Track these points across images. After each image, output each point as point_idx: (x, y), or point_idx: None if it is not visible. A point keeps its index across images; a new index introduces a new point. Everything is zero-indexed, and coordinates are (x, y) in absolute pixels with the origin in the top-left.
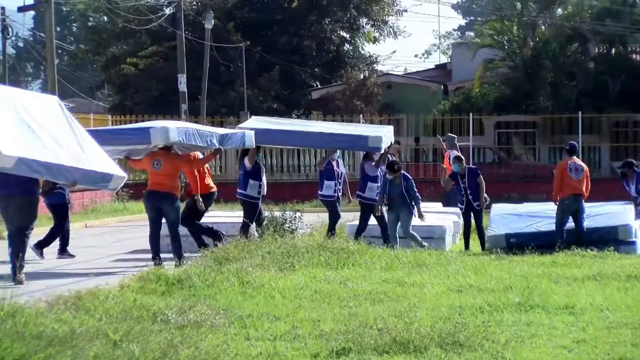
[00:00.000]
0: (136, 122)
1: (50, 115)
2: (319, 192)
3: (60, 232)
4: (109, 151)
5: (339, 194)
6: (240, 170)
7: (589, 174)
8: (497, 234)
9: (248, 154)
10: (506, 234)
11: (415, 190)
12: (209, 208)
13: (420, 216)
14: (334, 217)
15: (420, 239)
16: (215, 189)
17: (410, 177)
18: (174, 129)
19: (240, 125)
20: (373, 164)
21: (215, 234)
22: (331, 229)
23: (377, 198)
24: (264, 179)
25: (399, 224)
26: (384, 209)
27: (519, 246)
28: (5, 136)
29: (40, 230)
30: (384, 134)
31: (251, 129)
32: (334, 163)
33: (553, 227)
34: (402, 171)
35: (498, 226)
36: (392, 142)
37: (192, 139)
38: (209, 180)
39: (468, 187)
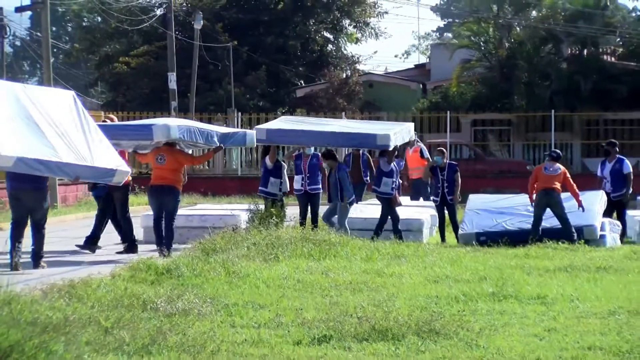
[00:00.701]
0: (128, 119)
1: (61, 112)
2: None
3: (104, 220)
4: (114, 144)
5: (307, 187)
6: (262, 168)
7: (568, 176)
8: (467, 233)
9: (269, 153)
10: (476, 233)
11: (348, 182)
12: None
13: (345, 207)
14: (303, 210)
15: (349, 232)
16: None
17: (345, 168)
18: (175, 126)
19: (266, 124)
20: (387, 160)
21: (131, 243)
22: (313, 221)
23: (392, 192)
24: (285, 176)
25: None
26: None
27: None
28: (6, 136)
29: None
30: (396, 132)
31: (271, 129)
32: (307, 158)
33: (521, 225)
34: (342, 162)
35: (470, 224)
36: (414, 139)
37: (194, 136)
38: None
39: (446, 180)
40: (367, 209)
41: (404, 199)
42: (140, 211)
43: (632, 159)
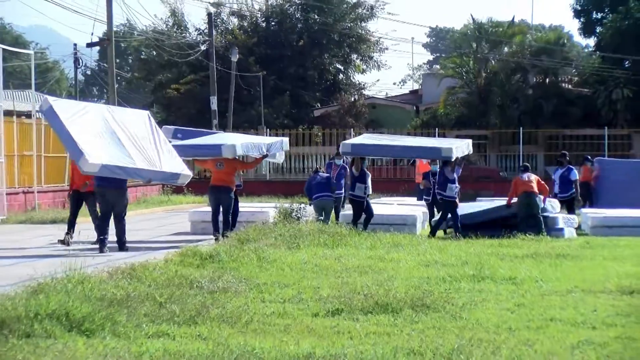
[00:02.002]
0: None
1: (137, 127)
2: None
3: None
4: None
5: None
6: (350, 175)
7: (542, 181)
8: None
9: (354, 164)
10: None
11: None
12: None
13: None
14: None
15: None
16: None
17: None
18: (239, 145)
19: (351, 140)
20: (450, 169)
21: (102, 242)
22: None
23: (456, 196)
24: (369, 182)
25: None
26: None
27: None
28: (94, 148)
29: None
30: (457, 146)
31: (355, 143)
32: (336, 168)
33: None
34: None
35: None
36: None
37: (250, 150)
38: None
39: (437, 183)
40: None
41: (408, 199)
42: (188, 208)
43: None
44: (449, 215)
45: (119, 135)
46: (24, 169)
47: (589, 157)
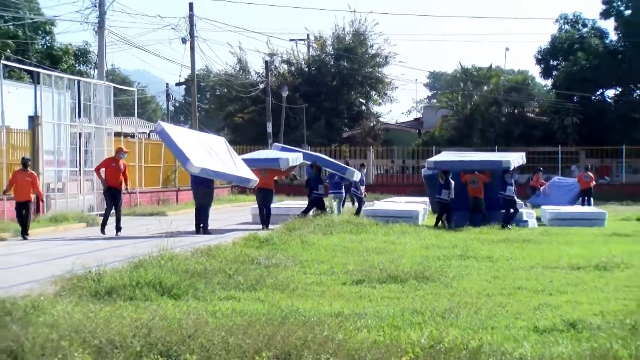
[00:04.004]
0: (243, 151)
1: (220, 147)
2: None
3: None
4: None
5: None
6: (437, 183)
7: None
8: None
9: (439, 174)
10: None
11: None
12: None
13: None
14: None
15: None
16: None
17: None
18: (290, 159)
19: (434, 157)
20: (509, 175)
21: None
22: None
23: (513, 195)
24: (452, 189)
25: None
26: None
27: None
28: (195, 156)
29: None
30: (514, 158)
31: (437, 160)
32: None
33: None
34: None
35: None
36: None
37: (294, 162)
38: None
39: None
40: (386, 204)
41: (412, 198)
42: (250, 205)
43: (544, 175)
44: (511, 210)
45: (209, 150)
46: (128, 175)
47: (541, 168)
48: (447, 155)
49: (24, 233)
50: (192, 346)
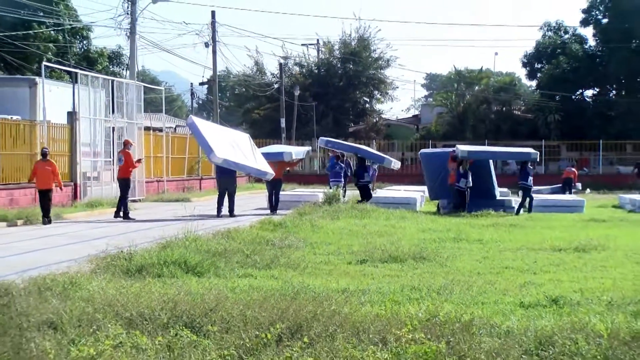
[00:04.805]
0: (258, 145)
1: (243, 142)
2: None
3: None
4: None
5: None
6: (456, 172)
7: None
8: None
9: (462, 164)
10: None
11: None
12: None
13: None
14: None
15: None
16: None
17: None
18: (294, 152)
19: (466, 147)
20: (530, 166)
21: (126, 215)
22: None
23: (531, 184)
24: (470, 179)
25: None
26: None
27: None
28: (219, 148)
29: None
30: (535, 152)
31: (470, 150)
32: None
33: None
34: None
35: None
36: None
37: (299, 155)
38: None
39: (519, 176)
40: (387, 192)
41: (410, 187)
42: (265, 192)
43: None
44: (527, 198)
45: (233, 144)
46: (156, 166)
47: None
48: (475, 147)
49: (45, 217)
50: (214, 318)
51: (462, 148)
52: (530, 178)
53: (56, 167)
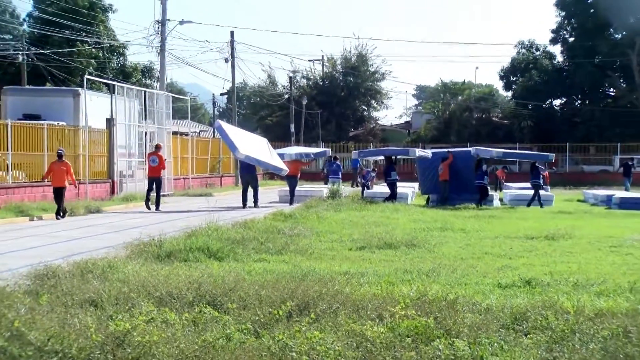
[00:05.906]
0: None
1: (261, 144)
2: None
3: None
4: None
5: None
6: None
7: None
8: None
9: (478, 165)
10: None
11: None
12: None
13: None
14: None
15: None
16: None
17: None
18: (297, 154)
19: (476, 148)
20: (542, 166)
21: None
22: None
23: (541, 182)
24: (486, 177)
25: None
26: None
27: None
28: (243, 146)
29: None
30: (550, 154)
31: (479, 148)
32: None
33: None
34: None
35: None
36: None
37: (304, 156)
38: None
39: (531, 174)
40: (383, 188)
41: (405, 183)
42: (277, 187)
43: (499, 165)
44: (536, 195)
45: (253, 144)
46: (183, 165)
47: (506, 166)
48: (479, 148)
49: (58, 213)
50: (233, 297)
51: (495, 150)
52: (542, 176)
53: (70, 167)
